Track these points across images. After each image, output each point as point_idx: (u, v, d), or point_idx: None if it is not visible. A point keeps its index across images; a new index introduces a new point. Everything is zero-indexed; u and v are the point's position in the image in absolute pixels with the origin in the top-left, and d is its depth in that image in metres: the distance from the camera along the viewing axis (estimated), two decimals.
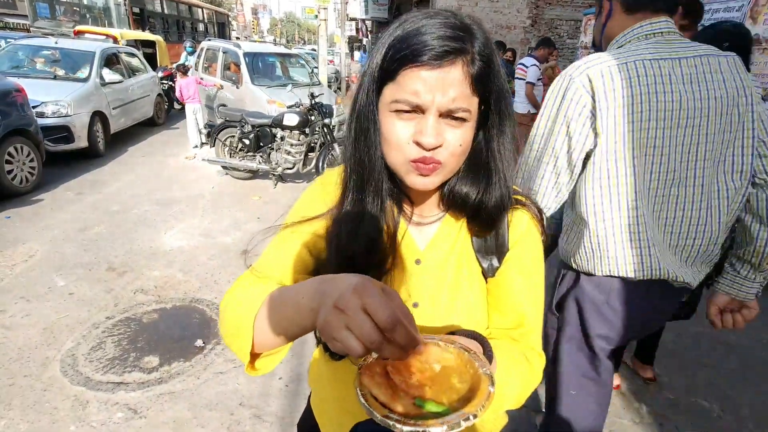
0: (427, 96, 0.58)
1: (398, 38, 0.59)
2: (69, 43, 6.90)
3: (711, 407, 2.24)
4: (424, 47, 0.57)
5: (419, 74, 0.57)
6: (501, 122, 0.66)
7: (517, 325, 0.73)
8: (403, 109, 0.60)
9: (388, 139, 0.63)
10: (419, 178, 0.63)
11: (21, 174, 4.46)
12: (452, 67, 0.58)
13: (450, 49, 0.57)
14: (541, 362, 0.73)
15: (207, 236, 3.86)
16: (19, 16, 16.67)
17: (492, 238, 0.72)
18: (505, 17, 11.14)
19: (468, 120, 0.61)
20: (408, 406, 0.48)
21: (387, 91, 0.61)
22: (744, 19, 4.15)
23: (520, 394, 0.68)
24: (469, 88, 0.59)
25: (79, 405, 2.02)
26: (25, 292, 2.84)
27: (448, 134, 0.61)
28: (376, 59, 0.62)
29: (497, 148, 0.67)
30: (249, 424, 1.99)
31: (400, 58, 0.58)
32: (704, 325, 2.87)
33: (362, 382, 0.50)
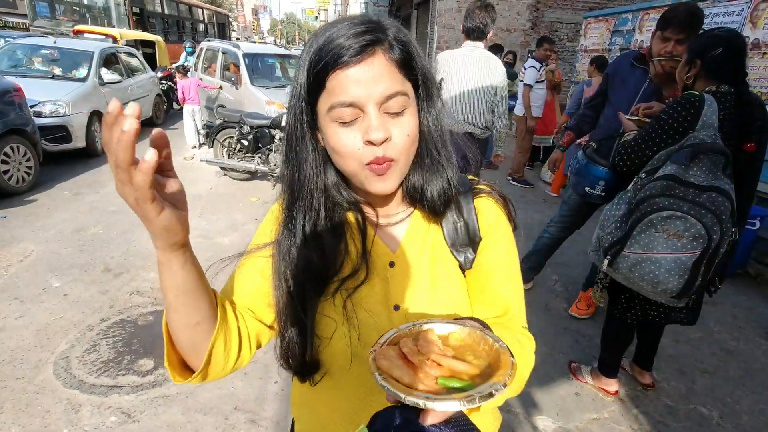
0: (359, 92, 0.58)
1: (315, 50, 0.60)
2: (68, 43, 6.87)
3: (710, 414, 2.23)
4: (341, 49, 0.58)
5: (346, 74, 0.58)
6: (428, 103, 0.67)
7: (503, 312, 0.73)
8: (344, 118, 0.60)
9: (338, 150, 0.62)
10: (379, 183, 0.63)
11: (17, 174, 4.43)
12: (374, 57, 0.59)
13: (366, 41, 0.58)
14: (532, 345, 0.73)
15: (205, 237, 3.83)
16: (18, 15, 16.64)
17: (463, 230, 0.72)
18: (505, 20, 11.13)
19: (408, 106, 0.62)
20: (433, 386, 0.47)
21: (321, 103, 0.62)
22: (744, 23, 4.15)
23: (519, 377, 0.68)
24: (398, 72, 0.61)
25: (72, 408, 2.00)
26: (19, 293, 2.82)
27: (393, 127, 0.61)
28: (300, 77, 0.63)
29: (427, 130, 0.67)
30: (244, 428, 1.97)
31: (323, 66, 0.59)
32: (703, 332, 2.87)
33: (381, 365, 0.48)
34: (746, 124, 1.71)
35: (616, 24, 6.28)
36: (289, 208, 0.69)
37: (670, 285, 1.67)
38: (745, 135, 1.72)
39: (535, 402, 2.22)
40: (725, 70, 1.74)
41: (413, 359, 0.49)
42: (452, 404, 0.43)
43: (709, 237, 1.59)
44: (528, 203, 5.23)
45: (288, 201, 0.69)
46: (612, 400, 2.26)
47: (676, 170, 1.66)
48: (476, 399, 0.43)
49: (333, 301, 0.69)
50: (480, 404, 0.43)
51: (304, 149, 0.66)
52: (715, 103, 1.67)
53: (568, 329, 2.85)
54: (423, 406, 0.43)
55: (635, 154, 1.86)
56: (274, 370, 2.31)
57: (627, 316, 2.01)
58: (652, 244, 1.67)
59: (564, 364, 2.49)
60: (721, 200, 1.59)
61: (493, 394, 0.44)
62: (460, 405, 0.43)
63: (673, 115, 1.73)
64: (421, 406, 0.43)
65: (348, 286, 0.69)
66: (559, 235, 2.96)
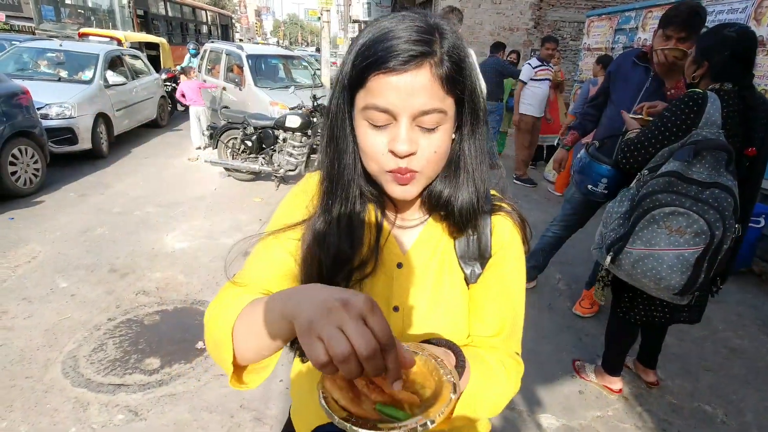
0: (396, 102, 0.57)
1: (366, 45, 0.59)
2: (73, 46, 6.93)
3: (715, 412, 2.22)
4: (389, 53, 0.56)
5: (387, 80, 0.57)
6: (473, 122, 0.66)
7: (497, 333, 0.73)
8: (375, 119, 0.59)
9: (364, 150, 0.63)
10: (399, 188, 0.63)
11: (25, 175, 4.47)
12: (419, 70, 0.57)
13: (416, 53, 0.56)
14: (519, 369, 0.73)
15: (209, 238, 3.86)
16: (24, 19, 16.78)
17: (474, 244, 0.72)
18: (507, 19, 11.12)
19: (443, 123, 0.61)
20: (369, 411, 0.49)
21: (359, 99, 0.61)
22: (748, 20, 4.13)
23: (496, 402, 0.68)
24: (440, 89, 0.59)
25: (80, 407, 2.02)
26: (27, 294, 2.85)
27: (422, 140, 0.60)
28: (346, 67, 0.62)
29: (467, 147, 0.67)
30: (249, 426, 1.99)
31: (367, 65, 0.57)
32: (708, 330, 2.87)
33: (325, 386, 0.50)
34: (750, 128, 1.71)
35: (620, 22, 6.26)
36: (327, 197, 0.69)
37: (673, 281, 1.67)
38: (748, 139, 1.72)
39: (538, 400, 2.23)
40: (731, 72, 1.74)
41: (357, 383, 0.51)
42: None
43: (711, 233, 1.59)
44: (531, 202, 5.23)
45: (327, 189, 0.69)
46: (616, 398, 2.26)
47: (678, 167, 1.66)
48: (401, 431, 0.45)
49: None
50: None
51: (345, 140, 0.66)
52: (719, 101, 1.68)
53: (571, 328, 2.85)
54: (348, 429, 0.45)
55: (638, 151, 1.86)
56: (278, 370, 2.32)
57: (630, 316, 2.01)
58: (655, 240, 1.67)
59: (568, 362, 2.50)
60: (724, 196, 1.59)
61: (417, 430, 0.45)
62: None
63: (677, 112, 1.74)
64: (347, 429, 0.45)
65: (354, 276, 0.69)
66: (562, 234, 2.96)
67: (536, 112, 5.65)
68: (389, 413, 0.48)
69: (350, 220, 0.68)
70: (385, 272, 0.72)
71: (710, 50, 1.78)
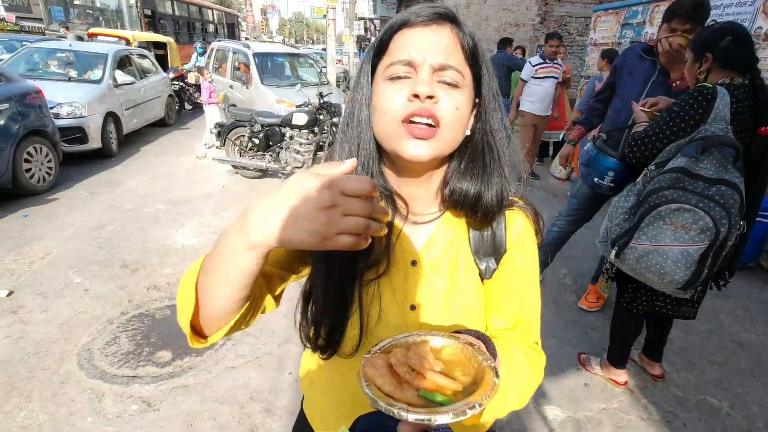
0: (417, 52, 0.60)
1: (389, 22, 0.64)
2: (83, 46, 7.01)
3: (720, 405, 2.23)
4: (411, 14, 0.61)
5: (411, 32, 0.60)
6: (493, 107, 0.67)
7: (516, 326, 0.73)
8: (396, 73, 0.60)
9: (379, 107, 0.62)
10: (413, 143, 0.60)
11: (39, 173, 4.56)
12: (441, 28, 0.61)
13: (441, 13, 0.60)
14: (542, 360, 0.72)
15: (218, 234, 3.89)
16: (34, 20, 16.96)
17: (489, 239, 0.72)
18: (513, 15, 11.07)
19: (461, 86, 0.61)
20: (413, 398, 0.48)
21: (380, 66, 0.63)
22: (756, 13, 4.10)
23: (522, 394, 0.67)
24: (461, 54, 0.61)
25: (96, 397, 2.08)
26: (42, 289, 2.92)
27: (442, 94, 0.60)
28: (367, 59, 0.66)
29: (492, 138, 0.68)
30: (259, 417, 2.03)
31: (389, 28, 0.62)
32: (714, 324, 2.87)
33: (366, 373, 0.50)
34: (761, 110, 1.71)
35: (626, 17, 6.22)
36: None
37: (677, 277, 1.68)
38: (760, 121, 1.72)
39: (544, 392, 2.25)
40: (738, 57, 1.74)
41: (398, 370, 0.51)
42: (424, 417, 0.44)
43: (716, 230, 1.60)
44: (537, 198, 5.23)
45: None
46: (621, 390, 2.28)
47: (686, 163, 1.67)
48: (449, 414, 0.45)
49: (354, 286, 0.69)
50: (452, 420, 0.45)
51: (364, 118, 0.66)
52: (728, 96, 1.67)
53: (577, 321, 2.87)
54: (396, 415, 0.45)
55: (645, 146, 1.87)
56: (288, 362, 2.37)
57: (633, 306, 2.03)
58: (660, 236, 1.69)
59: (573, 355, 2.52)
60: (731, 193, 1.60)
61: (467, 413, 0.45)
62: (432, 418, 0.44)
63: (685, 107, 1.74)
64: (395, 415, 0.45)
65: (367, 276, 0.68)
66: (569, 229, 2.97)
67: (537, 110, 5.43)
68: (433, 399, 0.48)
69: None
70: (399, 270, 0.70)
71: (710, 42, 1.79)
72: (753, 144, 1.73)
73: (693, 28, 2.16)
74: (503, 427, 2.04)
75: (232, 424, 1.99)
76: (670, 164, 1.73)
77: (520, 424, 2.06)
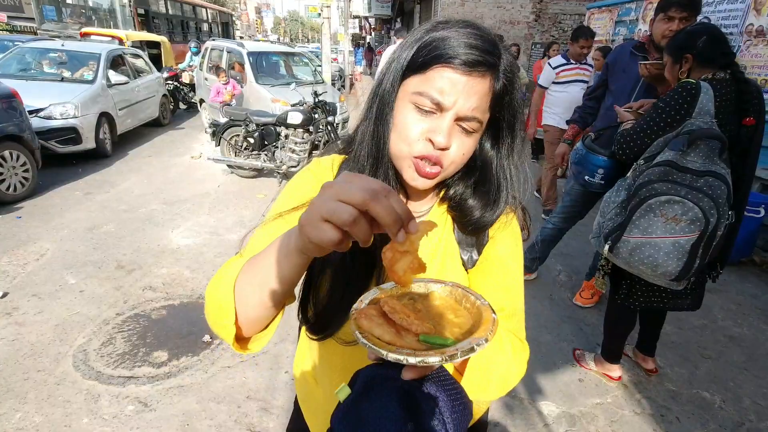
0: (450, 98, 0.60)
1: (433, 38, 0.62)
2: (75, 45, 6.96)
3: (713, 398, 2.26)
4: (459, 51, 0.59)
5: (450, 75, 0.60)
6: (513, 141, 0.69)
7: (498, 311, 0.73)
8: (424, 105, 0.61)
9: (399, 129, 0.64)
10: (418, 179, 0.65)
11: (11, 180, 4.27)
12: (481, 78, 0.61)
13: (483, 60, 0.60)
14: (525, 351, 0.72)
15: (213, 234, 3.91)
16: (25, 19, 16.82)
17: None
18: (508, 12, 11.09)
19: (477, 132, 0.64)
20: (414, 343, 0.46)
21: (412, 81, 0.63)
22: (748, 10, 4.12)
23: (505, 375, 0.67)
24: (488, 102, 0.62)
25: (92, 398, 2.08)
26: (37, 290, 2.91)
27: (456, 141, 0.63)
28: (406, 53, 0.64)
29: (507, 165, 0.70)
30: (256, 416, 2.04)
31: (435, 55, 0.60)
32: (707, 318, 2.90)
33: (361, 325, 0.48)
34: (744, 101, 1.74)
35: (620, 14, 6.25)
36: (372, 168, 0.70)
37: (669, 268, 1.70)
38: (745, 112, 1.75)
39: (539, 388, 2.27)
40: (716, 54, 1.79)
41: (394, 317, 0.49)
42: (434, 358, 0.43)
43: (706, 220, 1.62)
44: (532, 196, 5.25)
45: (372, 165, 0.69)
46: (615, 385, 2.30)
47: (673, 156, 1.69)
48: (458, 354, 0.43)
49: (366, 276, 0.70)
50: (461, 358, 0.43)
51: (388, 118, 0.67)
52: (711, 90, 1.71)
53: (572, 318, 2.89)
54: (405, 361, 0.43)
55: (634, 142, 1.89)
56: (284, 361, 2.37)
57: (629, 302, 2.04)
58: (651, 228, 1.71)
59: (568, 351, 2.54)
60: (718, 184, 1.62)
61: (475, 349, 0.44)
62: (441, 359, 0.43)
63: (670, 103, 1.77)
64: (403, 361, 0.43)
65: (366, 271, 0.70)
66: (562, 226, 2.99)
67: (563, 122, 4.21)
68: (435, 341, 0.46)
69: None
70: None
71: (686, 43, 1.84)
72: (740, 134, 1.76)
73: (690, 16, 2.19)
74: (498, 424, 2.06)
75: (229, 423, 1.99)
76: (658, 158, 1.75)
77: (516, 420, 2.08)
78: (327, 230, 0.43)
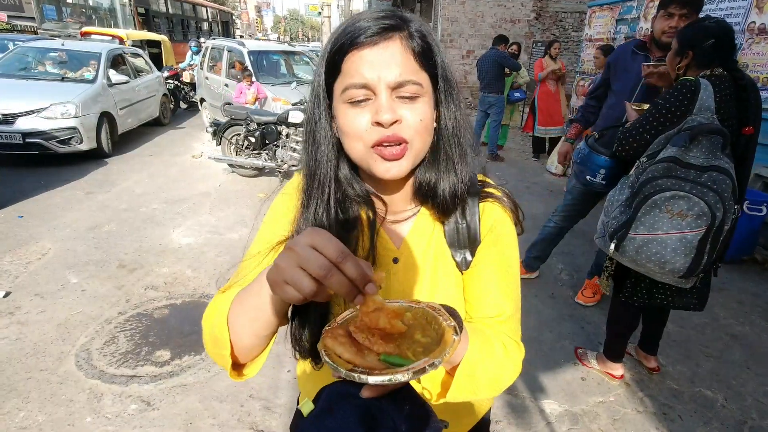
0: (372, 74, 0.59)
1: (337, 33, 0.62)
2: (76, 45, 6.96)
3: (715, 396, 2.26)
4: (359, 30, 0.59)
5: (360, 55, 0.59)
6: (448, 100, 0.67)
7: (497, 315, 0.73)
8: (355, 98, 0.60)
9: (346, 131, 0.63)
10: (387, 164, 0.63)
11: None
12: (390, 42, 0.59)
13: (385, 26, 0.59)
14: (520, 352, 0.72)
15: (215, 233, 3.91)
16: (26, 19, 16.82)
17: (464, 231, 0.73)
18: (509, 11, 11.06)
19: (421, 95, 0.62)
20: (374, 363, 0.48)
21: (337, 86, 0.63)
22: (750, 8, 4.12)
23: (495, 377, 0.67)
24: (414, 61, 0.61)
25: (95, 397, 2.08)
26: (39, 289, 2.91)
27: (405, 110, 0.61)
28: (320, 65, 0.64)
29: (444, 127, 0.68)
30: (259, 415, 2.04)
31: (339, 47, 0.60)
32: (709, 317, 2.90)
33: (326, 344, 0.51)
34: (744, 108, 1.75)
35: (621, 12, 6.23)
36: (307, 192, 0.70)
37: (677, 264, 1.70)
38: (744, 119, 1.76)
39: (542, 386, 2.27)
40: (716, 59, 1.79)
41: (357, 337, 0.51)
42: (382, 378, 0.45)
43: (712, 214, 1.62)
44: (533, 194, 5.25)
45: (306, 185, 0.70)
46: (618, 384, 2.30)
47: (676, 152, 1.69)
48: (408, 373, 0.45)
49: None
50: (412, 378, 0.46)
51: (320, 135, 0.67)
52: (711, 87, 1.71)
53: (573, 316, 2.89)
54: (357, 379, 0.46)
55: (635, 139, 1.89)
56: (286, 360, 2.37)
57: (634, 300, 2.03)
58: (657, 225, 1.70)
59: (570, 350, 2.54)
60: (722, 179, 1.62)
61: (426, 370, 0.46)
62: (392, 379, 0.45)
63: (671, 100, 1.77)
64: (356, 380, 0.46)
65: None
66: (564, 224, 2.99)
67: None
68: (395, 362, 0.48)
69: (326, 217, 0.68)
70: (381, 269, 0.71)
71: (693, 40, 1.83)
72: (737, 142, 1.77)
73: (690, 13, 2.19)
74: (500, 422, 2.06)
75: (232, 422, 2.00)
76: (660, 155, 1.75)
77: (518, 418, 2.08)
78: (291, 292, 0.47)
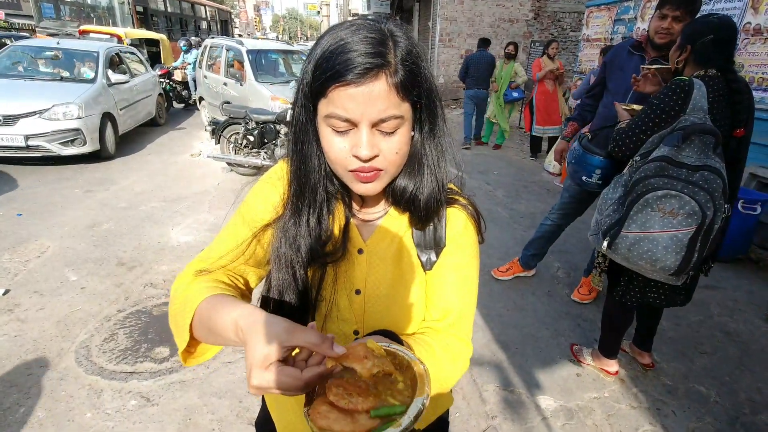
0: (356, 111, 0.61)
1: (324, 57, 0.62)
2: (74, 44, 6.91)
3: (708, 393, 2.29)
4: (346, 66, 0.59)
5: (346, 92, 0.60)
6: (431, 122, 0.71)
7: (443, 317, 0.79)
8: (338, 127, 0.63)
9: (327, 153, 0.67)
10: (362, 186, 0.68)
11: None
12: (376, 80, 0.60)
13: (371, 65, 0.59)
14: (466, 351, 0.79)
15: (213, 231, 3.93)
16: (24, 17, 16.79)
17: (430, 233, 0.77)
18: (507, 11, 11.09)
19: (401, 126, 0.65)
20: (368, 423, 0.50)
21: (321, 107, 0.64)
22: (746, 8, 4.15)
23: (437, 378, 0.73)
24: (396, 96, 0.62)
25: (94, 393, 2.10)
26: (38, 287, 2.92)
27: (383, 143, 0.64)
28: (307, 77, 0.65)
29: (428, 146, 0.72)
30: (258, 410, 2.06)
31: (327, 78, 0.61)
32: (704, 314, 2.93)
33: (320, 426, 0.51)
34: (736, 111, 1.77)
35: (618, 12, 6.27)
36: (297, 199, 0.73)
37: (668, 262, 1.73)
38: (736, 122, 1.78)
39: (537, 382, 2.30)
40: (713, 56, 1.80)
41: (340, 404, 0.52)
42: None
43: (703, 214, 1.65)
44: (531, 193, 5.28)
45: (295, 192, 0.73)
46: (612, 380, 2.33)
47: (668, 152, 1.72)
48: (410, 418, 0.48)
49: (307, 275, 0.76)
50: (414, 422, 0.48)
51: (308, 143, 0.70)
52: (704, 87, 1.73)
53: (569, 314, 2.91)
54: None
55: (629, 139, 1.92)
56: None
57: (627, 299, 2.07)
58: (649, 223, 1.73)
59: (566, 347, 2.56)
60: (713, 178, 1.65)
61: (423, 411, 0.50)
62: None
63: (665, 99, 1.79)
64: None
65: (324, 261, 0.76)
66: (561, 222, 3.01)
67: None
68: (386, 413, 0.50)
69: (320, 220, 0.74)
70: (347, 258, 0.77)
71: (693, 35, 1.85)
72: (729, 144, 1.80)
73: (684, 15, 2.21)
74: (496, 417, 2.09)
75: (231, 418, 2.02)
76: (653, 154, 1.78)
77: (514, 413, 2.11)
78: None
